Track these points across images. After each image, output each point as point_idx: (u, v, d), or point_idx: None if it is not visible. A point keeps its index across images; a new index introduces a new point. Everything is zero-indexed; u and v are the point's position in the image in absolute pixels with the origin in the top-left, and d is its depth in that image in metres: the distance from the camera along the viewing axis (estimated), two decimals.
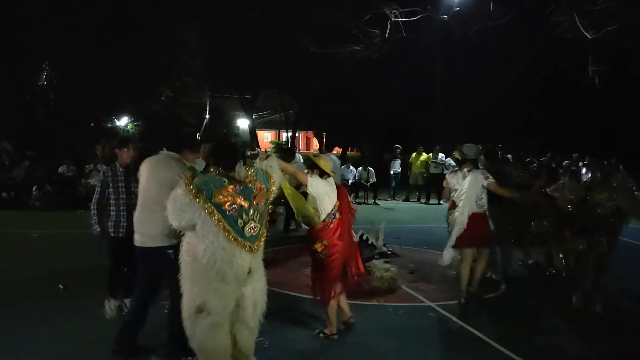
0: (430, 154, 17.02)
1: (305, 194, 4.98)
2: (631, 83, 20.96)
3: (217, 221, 3.62)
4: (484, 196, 6.20)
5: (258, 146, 23.42)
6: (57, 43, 19.74)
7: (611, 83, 19.84)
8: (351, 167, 16.59)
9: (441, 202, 16.76)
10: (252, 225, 3.75)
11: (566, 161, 18.35)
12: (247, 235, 3.73)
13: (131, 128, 27.03)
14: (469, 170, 6.32)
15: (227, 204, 3.66)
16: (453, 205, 6.45)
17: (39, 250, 8.36)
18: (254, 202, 3.78)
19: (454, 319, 5.75)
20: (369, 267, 6.83)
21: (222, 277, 3.66)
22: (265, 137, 40.40)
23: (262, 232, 3.86)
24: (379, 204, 15.96)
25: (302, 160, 11.68)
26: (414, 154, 17.40)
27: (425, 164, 17.07)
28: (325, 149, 25.89)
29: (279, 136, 39.51)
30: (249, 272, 3.77)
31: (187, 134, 5.00)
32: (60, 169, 13.95)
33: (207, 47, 25.14)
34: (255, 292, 3.89)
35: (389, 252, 8.04)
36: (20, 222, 11.17)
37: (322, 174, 4.98)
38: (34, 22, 19.05)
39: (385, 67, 23.08)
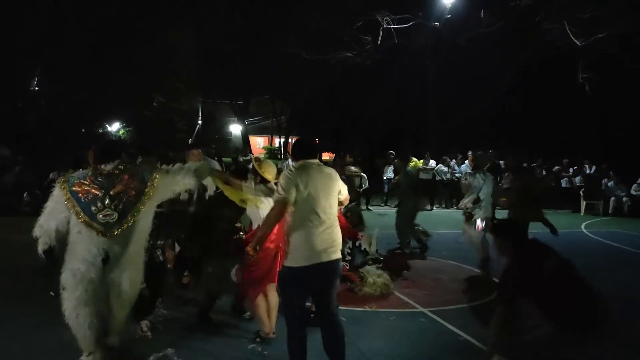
0: (422, 160, 17.06)
1: None
2: (621, 89, 21.18)
3: (73, 207, 4.11)
4: None
5: (250, 152, 23.44)
6: (48, 48, 19.67)
7: (601, 89, 20.03)
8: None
9: (434, 207, 16.83)
10: (107, 212, 4.12)
11: (556, 167, 18.56)
12: (102, 221, 4.10)
13: (123, 134, 26.96)
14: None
15: (82, 192, 4.16)
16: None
17: (28, 256, 8.28)
18: (111, 192, 4.17)
19: (446, 324, 5.76)
20: (362, 273, 6.85)
21: (77, 257, 4.11)
22: (258, 142, 40.38)
23: (124, 221, 4.15)
24: (371, 210, 15.98)
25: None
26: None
27: (416, 170, 17.09)
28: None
29: (271, 142, 39.53)
30: (107, 256, 4.10)
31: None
32: (51, 175, 13.84)
33: (199, 53, 25.15)
34: (123, 279, 4.20)
35: (381, 258, 8.05)
36: (8, 227, 11.07)
37: (264, 181, 5.00)
38: (25, 27, 18.97)
39: (377, 73, 23.19)
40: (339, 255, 4.05)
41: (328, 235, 3.95)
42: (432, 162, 16.94)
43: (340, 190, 4.21)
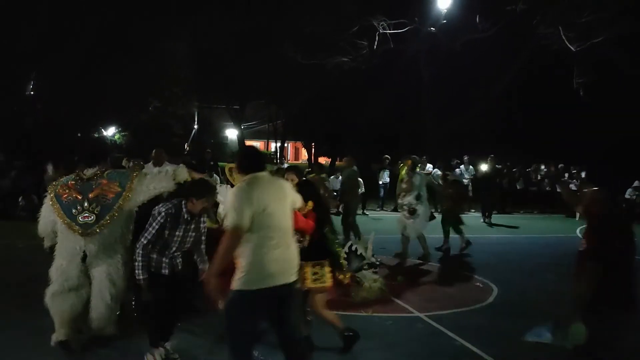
0: (419, 167, 17.04)
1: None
2: (617, 94, 21.28)
3: (57, 210, 4.66)
4: None
5: None
6: (44, 52, 19.66)
7: (597, 94, 20.12)
8: (340, 177, 16.61)
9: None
10: (85, 214, 4.61)
11: (552, 171, 18.62)
12: (81, 222, 4.59)
13: (118, 138, 26.93)
14: None
15: (65, 196, 4.70)
16: None
17: (22, 261, 8.26)
18: (90, 196, 4.67)
19: (443, 329, 5.77)
20: (358, 278, 6.85)
21: (61, 254, 4.68)
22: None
23: (102, 222, 4.62)
24: (367, 214, 15.98)
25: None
26: (402, 165, 17.39)
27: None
28: (314, 158, 25.93)
29: (267, 146, 39.51)
30: (85, 254, 4.60)
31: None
32: (49, 170, 13.81)
33: (195, 58, 25.17)
34: (102, 275, 4.67)
35: (377, 263, 8.06)
36: (5, 232, 11.04)
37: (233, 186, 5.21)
38: (22, 32, 18.97)
39: (373, 78, 23.23)
40: (295, 277, 3.71)
41: (284, 254, 3.59)
42: (429, 166, 16.95)
43: (294, 200, 3.91)
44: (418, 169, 10.58)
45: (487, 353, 5.10)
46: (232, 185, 5.28)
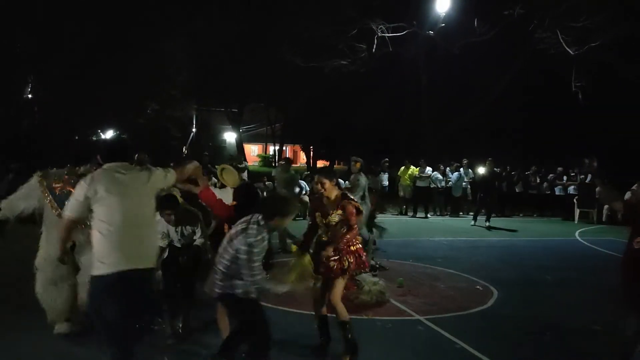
0: (418, 168, 17.06)
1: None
2: (615, 97, 21.32)
3: (49, 200, 4.86)
4: None
5: (245, 159, 23.42)
6: (42, 56, 19.63)
7: (596, 97, 20.15)
8: (339, 180, 16.60)
9: (428, 215, 16.84)
10: None
11: (551, 175, 18.61)
12: None
13: None
14: None
15: (58, 188, 4.90)
16: None
17: (20, 262, 8.21)
18: None
19: (443, 332, 5.74)
20: (358, 281, 6.82)
21: (50, 243, 4.75)
22: (252, 150, 40.39)
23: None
24: None
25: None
26: (402, 168, 17.39)
27: (413, 177, 17.11)
28: (313, 162, 25.90)
29: (265, 149, 39.52)
30: (74, 243, 4.65)
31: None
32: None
33: (193, 61, 25.16)
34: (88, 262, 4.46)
35: (377, 266, 8.04)
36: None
37: (223, 186, 5.65)
38: (19, 34, 18.95)
39: (371, 81, 23.26)
40: (147, 265, 3.69)
41: (132, 241, 3.58)
42: (429, 169, 16.94)
43: (163, 179, 3.91)
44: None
45: (488, 356, 5.07)
46: (223, 186, 5.70)
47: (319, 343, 5.02)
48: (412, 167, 17.29)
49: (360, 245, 4.97)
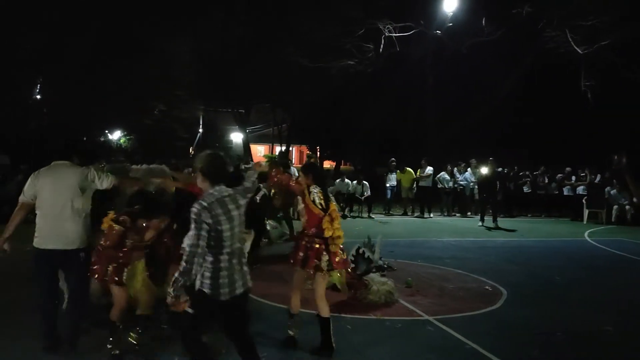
0: (419, 170, 16.98)
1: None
2: (624, 97, 21.18)
3: None
4: None
5: (252, 159, 23.44)
6: (49, 58, 19.72)
7: (604, 97, 20.03)
8: (346, 180, 16.63)
9: (431, 215, 16.79)
10: None
11: (559, 175, 18.52)
12: None
13: (124, 142, 26.99)
14: None
15: None
16: None
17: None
18: None
19: (453, 332, 5.71)
20: (366, 281, 6.82)
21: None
22: (259, 150, 40.40)
23: None
24: (373, 218, 15.95)
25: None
26: (403, 174, 17.28)
27: (413, 180, 17.04)
28: (319, 162, 25.85)
29: (272, 150, 39.55)
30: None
31: None
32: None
33: (199, 62, 25.22)
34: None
35: (385, 266, 8.02)
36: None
37: None
38: (27, 37, 19.04)
39: (377, 81, 23.22)
40: (69, 246, 4.57)
41: (56, 226, 4.56)
42: (429, 169, 16.86)
43: (92, 181, 4.71)
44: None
45: (498, 356, 5.05)
46: None
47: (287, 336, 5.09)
48: (410, 171, 17.18)
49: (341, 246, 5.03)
